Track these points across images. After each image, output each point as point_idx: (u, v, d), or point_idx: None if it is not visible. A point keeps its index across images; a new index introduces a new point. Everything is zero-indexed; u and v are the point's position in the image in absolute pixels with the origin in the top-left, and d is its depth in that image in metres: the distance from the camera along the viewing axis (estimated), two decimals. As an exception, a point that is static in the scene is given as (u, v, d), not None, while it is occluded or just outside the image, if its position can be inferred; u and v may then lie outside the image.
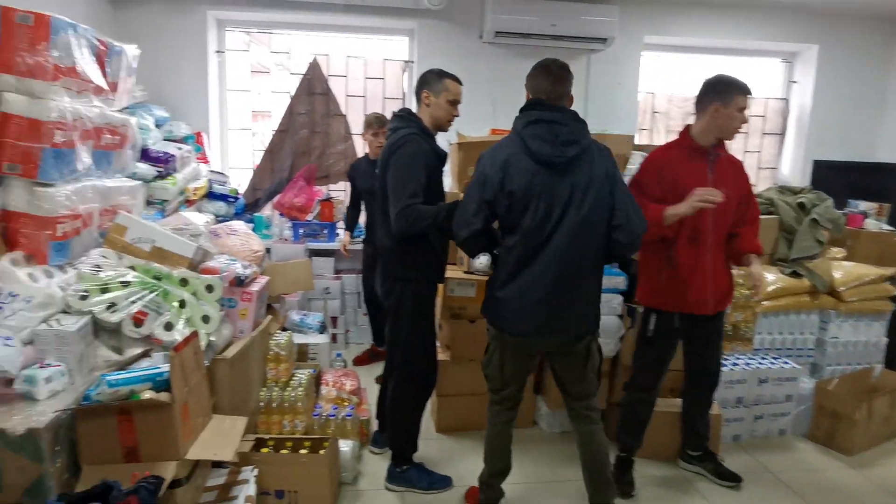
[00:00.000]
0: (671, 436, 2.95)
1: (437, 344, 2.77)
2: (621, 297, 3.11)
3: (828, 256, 3.77)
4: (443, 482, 2.68)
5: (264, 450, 2.45)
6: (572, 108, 2.21)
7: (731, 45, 5.21)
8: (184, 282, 2.38)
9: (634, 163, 3.77)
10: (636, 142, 4.99)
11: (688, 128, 2.57)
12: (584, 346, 2.24)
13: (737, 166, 2.64)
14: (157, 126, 3.90)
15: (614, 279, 3.07)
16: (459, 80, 2.56)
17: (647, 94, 5.25)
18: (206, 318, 2.33)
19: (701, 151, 2.50)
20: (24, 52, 2.11)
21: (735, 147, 5.20)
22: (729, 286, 2.65)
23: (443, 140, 2.83)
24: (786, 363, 3.27)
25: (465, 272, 3.17)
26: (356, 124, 4.84)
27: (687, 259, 2.50)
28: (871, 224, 4.23)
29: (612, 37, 4.61)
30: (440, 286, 2.79)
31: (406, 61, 4.87)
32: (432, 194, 2.44)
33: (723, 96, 2.43)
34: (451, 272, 3.19)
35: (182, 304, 2.30)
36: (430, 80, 2.54)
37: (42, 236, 2.17)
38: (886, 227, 4.27)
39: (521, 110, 2.20)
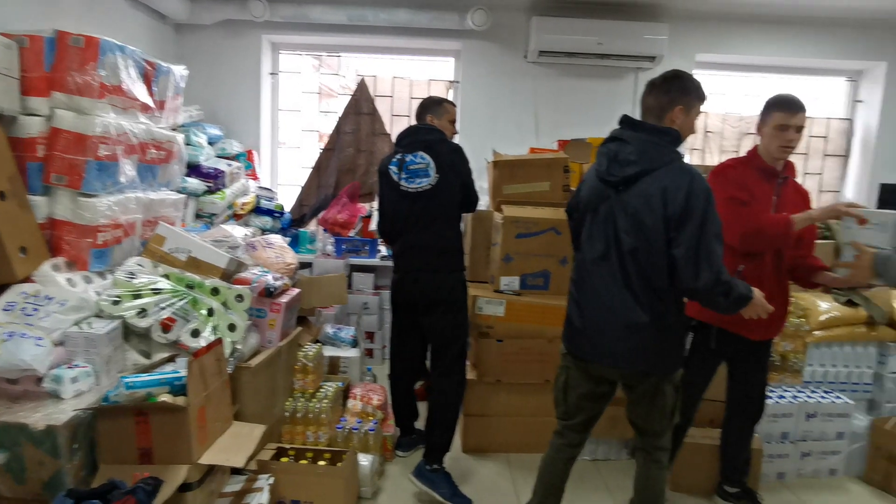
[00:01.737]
0: (708, 469, 2.79)
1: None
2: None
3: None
4: (463, 501, 2.63)
5: (284, 459, 2.48)
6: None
7: (790, 63, 4.98)
8: (215, 291, 2.46)
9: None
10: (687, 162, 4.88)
11: (756, 147, 2.47)
12: (651, 385, 2.05)
13: (802, 195, 2.53)
14: (211, 143, 4.09)
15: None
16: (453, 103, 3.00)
17: (700, 114, 5.09)
18: (232, 327, 2.40)
19: (770, 172, 2.41)
20: (75, 71, 2.27)
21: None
22: (783, 313, 2.51)
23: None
24: (838, 398, 3.05)
25: (496, 290, 3.15)
26: (401, 143, 4.92)
27: (753, 275, 2.36)
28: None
29: (661, 55, 4.51)
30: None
31: (451, 81, 4.93)
32: None
33: (768, 114, 2.38)
34: (480, 290, 3.17)
35: (210, 312, 2.37)
36: (433, 106, 2.90)
37: (83, 244, 2.30)
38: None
39: None
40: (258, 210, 4.38)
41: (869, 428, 3.05)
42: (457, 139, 3.05)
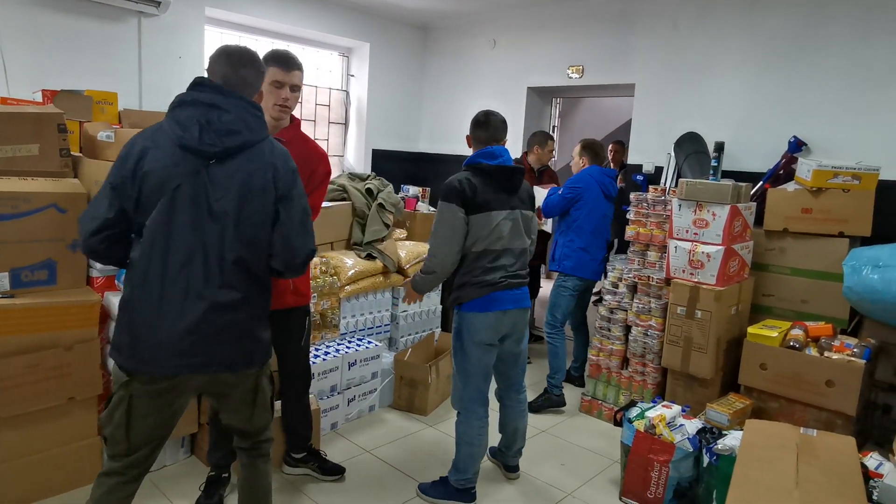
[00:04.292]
0: (276, 443, 2.73)
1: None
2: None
3: (394, 238, 4.14)
4: None
5: None
6: None
7: (294, 33, 5.22)
8: None
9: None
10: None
11: None
12: (251, 382, 1.83)
13: (307, 152, 2.43)
14: None
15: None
16: None
17: (212, 73, 4.83)
18: None
19: None
20: None
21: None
22: (286, 282, 2.46)
23: None
24: (370, 342, 3.43)
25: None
26: None
27: None
28: (422, 206, 4.86)
29: (167, 1, 4.03)
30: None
31: None
32: None
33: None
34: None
35: None
36: None
37: None
38: (431, 208, 4.97)
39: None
40: None
41: (393, 362, 3.55)
42: None
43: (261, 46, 5.15)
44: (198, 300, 1.64)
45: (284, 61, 2.25)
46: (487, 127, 2.54)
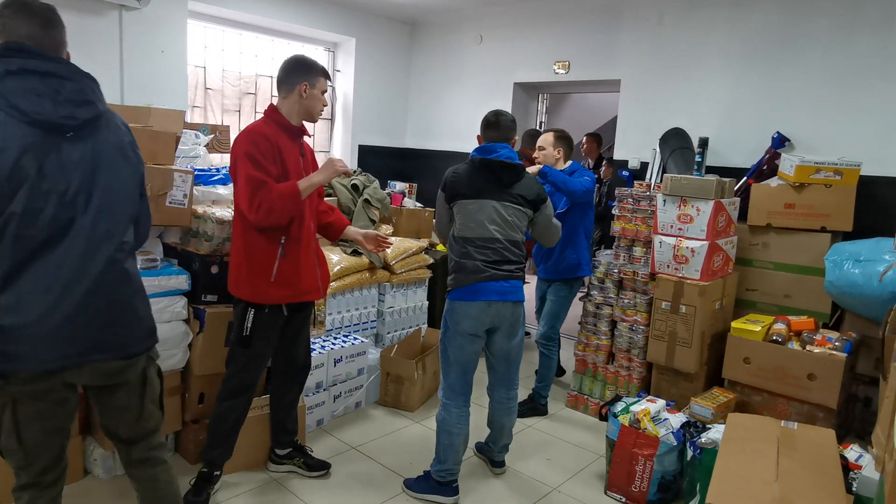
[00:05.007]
0: (260, 440, 2.72)
1: None
2: (185, 300, 2.67)
3: (380, 233, 4.13)
4: None
5: None
6: None
7: (279, 27, 5.18)
8: None
9: (187, 143, 3.33)
10: (188, 119, 4.54)
11: (274, 106, 2.40)
12: (139, 372, 1.72)
13: (311, 151, 2.61)
14: None
15: (175, 279, 2.61)
16: None
17: (197, 69, 4.78)
18: None
19: (295, 131, 2.40)
20: None
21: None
22: (328, 270, 2.64)
23: None
24: (356, 339, 3.42)
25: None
26: None
27: (298, 246, 2.38)
28: (409, 202, 4.85)
29: (148, -5, 3.98)
30: None
31: None
32: None
33: (310, 77, 2.36)
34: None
35: None
36: None
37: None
38: (418, 204, 4.95)
39: None
40: None
41: (379, 359, 3.54)
42: None
43: (245, 41, 5.10)
44: (78, 283, 1.52)
45: (329, 74, 2.48)
46: (497, 127, 2.62)
